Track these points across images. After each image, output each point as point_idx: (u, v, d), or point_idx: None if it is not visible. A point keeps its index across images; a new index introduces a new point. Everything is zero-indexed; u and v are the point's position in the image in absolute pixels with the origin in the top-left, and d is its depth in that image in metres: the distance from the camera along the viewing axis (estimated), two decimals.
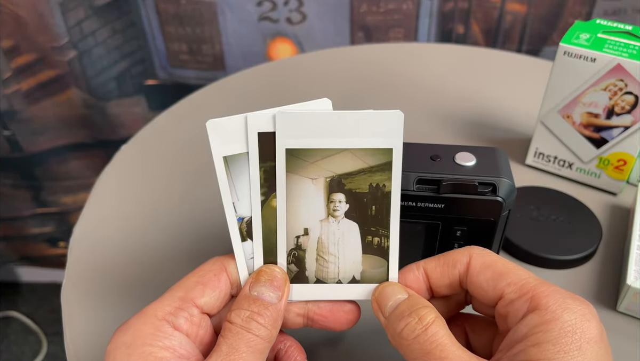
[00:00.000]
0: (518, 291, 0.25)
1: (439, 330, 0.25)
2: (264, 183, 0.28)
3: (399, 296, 0.27)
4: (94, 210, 0.49)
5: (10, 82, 0.87)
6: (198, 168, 0.52)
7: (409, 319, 0.25)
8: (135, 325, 0.26)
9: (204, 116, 0.62)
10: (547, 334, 0.23)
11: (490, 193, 0.32)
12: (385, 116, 0.27)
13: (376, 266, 0.29)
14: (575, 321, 0.23)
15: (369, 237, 0.28)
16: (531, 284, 0.25)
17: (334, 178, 0.28)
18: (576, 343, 0.23)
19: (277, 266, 0.29)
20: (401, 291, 0.27)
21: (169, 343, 0.25)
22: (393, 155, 0.27)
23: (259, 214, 0.28)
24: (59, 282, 0.43)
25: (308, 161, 0.27)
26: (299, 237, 0.28)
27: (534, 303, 0.24)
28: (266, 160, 0.28)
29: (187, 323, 0.26)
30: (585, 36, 0.45)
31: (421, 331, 0.25)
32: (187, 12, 0.84)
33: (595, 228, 0.44)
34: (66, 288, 0.42)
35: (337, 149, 0.27)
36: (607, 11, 0.80)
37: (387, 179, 0.27)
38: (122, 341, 0.25)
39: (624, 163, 0.47)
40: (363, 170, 0.27)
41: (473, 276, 0.27)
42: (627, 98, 0.44)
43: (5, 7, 0.79)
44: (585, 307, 0.24)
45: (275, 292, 0.27)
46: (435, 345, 0.24)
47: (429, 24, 0.84)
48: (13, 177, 1.01)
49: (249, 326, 0.26)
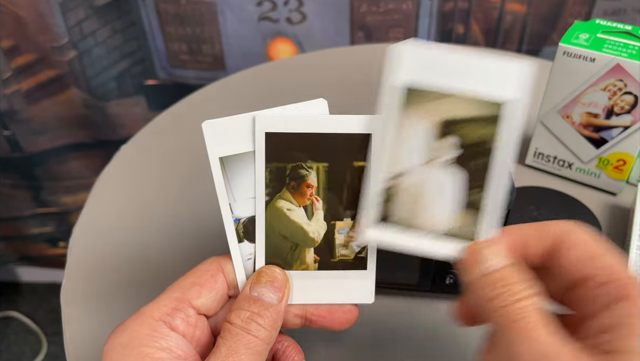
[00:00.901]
0: (610, 275, 0.23)
1: (532, 304, 0.23)
2: (269, 183, 0.28)
3: (500, 260, 0.25)
4: (94, 210, 0.49)
5: (10, 82, 0.87)
6: (198, 168, 0.52)
7: (504, 289, 0.23)
8: (132, 326, 0.26)
9: (204, 116, 0.62)
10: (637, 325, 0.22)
11: None
12: (510, 67, 0.25)
13: (471, 224, 0.26)
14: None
15: (473, 191, 0.26)
16: (623, 271, 0.23)
17: (447, 122, 0.25)
18: None
19: (278, 267, 0.29)
20: (505, 256, 0.25)
21: (166, 344, 0.25)
22: (507, 111, 0.25)
23: (263, 215, 0.28)
24: (59, 282, 0.43)
25: (422, 101, 0.26)
26: (395, 177, 0.27)
27: (624, 291, 0.23)
28: (272, 160, 0.28)
29: (183, 323, 0.26)
30: (585, 36, 0.45)
31: (514, 302, 0.23)
32: (187, 12, 0.84)
33: (594, 227, 0.44)
34: (66, 288, 0.42)
35: (452, 94, 0.25)
36: (606, 11, 0.80)
37: (497, 135, 0.25)
38: (119, 342, 0.25)
39: (623, 163, 0.47)
40: (475, 119, 0.25)
41: (565, 250, 0.25)
42: (626, 98, 0.44)
43: (5, 7, 0.79)
44: None
45: (275, 293, 0.27)
46: (525, 318, 0.22)
47: (429, 24, 0.84)
48: (13, 177, 1.01)
49: (248, 328, 0.26)
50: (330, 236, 0.29)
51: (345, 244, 0.29)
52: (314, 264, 0.29)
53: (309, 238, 0.29)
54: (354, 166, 0.28)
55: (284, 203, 0.28)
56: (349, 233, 0.29)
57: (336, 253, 0.29)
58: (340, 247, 0.29)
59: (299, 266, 0.29)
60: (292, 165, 0.28)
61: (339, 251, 0.29)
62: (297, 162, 0.28)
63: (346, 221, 0.28)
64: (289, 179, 0.28)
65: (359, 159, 0.28)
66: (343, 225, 0.29)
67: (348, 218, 0.28)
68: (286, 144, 0.27)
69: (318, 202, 0.28)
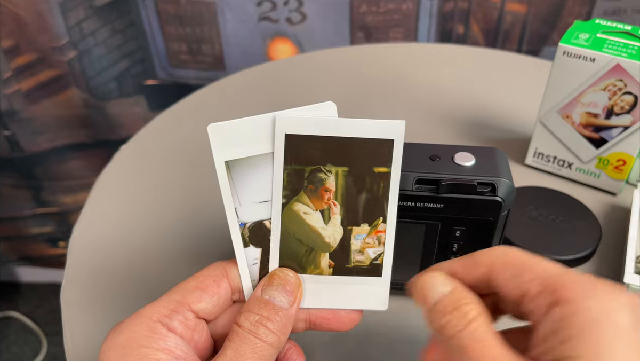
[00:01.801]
0: (541, 284, 0.23)
1: (481, 324, 0.23)
2: (286, 186, 0.27)
3: (443, 288, 0.25)
4: (94, 210, 0.49)
5: (10, 82, 0.87)
6: (198, 168, 0.52)
7: (451, 316, 0.24)
8: (130, 326, 0.25)
9: (203, 116, 0.62)
10: (570, 329, 0.21)
11: (490, 192, 0.32)
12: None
13: None
14: (600, 312, 0.21)
15: None
16: (554, 276, 0.23)
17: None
18: (603, 336, 0.20)
19: (291, 270, 0.28)
20: (446, 283, 0.26)
21: (165, 345, 0.25)
22: None
23: (279, 217, 0.28)
24: (59, 282, 0.43)
25: None
26: None
27: (556, 295, 0.22)
28: (290, 162, 0.27)
29: (181, 326, 0.26)
30: (585, 36, 0.45)
31: (464, 326, 0.23)
32: (187, 12, 0.84)
33: (594, 228, 0.44)
34: (66, 288, 0.42)
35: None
36: (606, 11, 0.80)
37: None
38: (117, 342, 0.25)
39: (623, 163, 0.47)
40: None
41: (496, 275, 0.25)
42: (626, 98, 0.44)
43: (5, 7, 0.79)
44: (615, 294, 0.21)
45: (287, 297, 0.27)
46: (476, 340, 0.23)
47: (429, 24, 0.85)
48: (13, 177, 1.01)
49: (257, 331, 0.25)
50: (346, 241, 0.28)
51: (361, 250, 0.28)
52: (328, 269, 0.29)
53: (324, 243, 0.28)
54: (374, 171, 0.27)
55: (301, 206, 0.28)
56: (365, 239, 0.28)
57: (352, 258, 0.28)
58: (356, 253, 0.28)
59: (313, 270, 0.29)
60: (311, 168, 0.27)
61: (355, 257, 0.28)
62: (316, 166, 0.27)
63: (363, 227, 0.28)
64: (307, 182, 0.27)
65: (379, 165, 0.27)
66: (360, 231, 0.28)
67: (365, 224, 0.28)
68: (306, 147, 0.27)
69: (335, 206, 0.28)
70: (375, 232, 0.28)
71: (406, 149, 0.27)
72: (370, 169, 0.27)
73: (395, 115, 0.58)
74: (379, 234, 0.28)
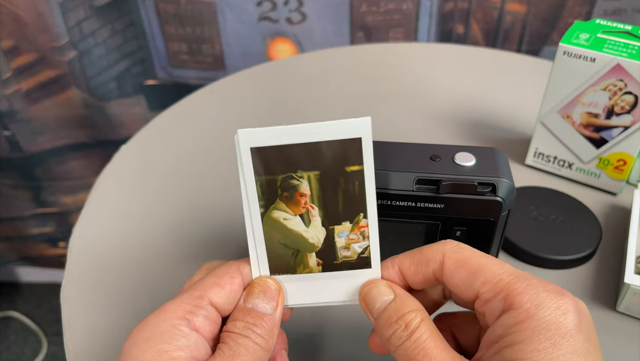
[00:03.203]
0: (492, 289, 0.24)
1: (422, 333, 0.25)
2: (261, 196, 0.28)
3: (385, 298, 0.27)
4: (94, 210, 0.49)
5: (10, 82, 0.87)
6: (198, 168, 0.52)
7: (396, 326, 0.25)
8: (154, 322, 0.26)
9: (203, 116, 0.62)
10: (520, 334, 0.23)
11: (490, 193, 0.32)
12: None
13: None
14: (549, 317, 0.23)
15: None
16: (505, 282, 0.24)
17: None
18: (550, 340, 0.22)
19: (270, 277, 0.29)
20: (387, 292, 0.27)
21: (185, 343, 0.26)
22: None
23: (260, 227, 0.28)
24: (59, 282, 0.43)
25: None
26: None
27: (508, 301, 0.24)
28: (261, 174, 0.28)
29: (205, 321, 0.27)
30: (585, 36, 0.45)
31: (407, 338, 0.25)
32: (187, 12, 0.84)
33: (594, 228, 0.44)
34: (66, 288, 0.42)
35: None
36: (607, 11, 0.80)
37: None
38: (140, 337, 0.25)
39: (623, 163, 0.47)
40: None
41: (447, 276, 0.26)
42: (626, 98, 0.44)
43: (5, 7, 0.79)
44: (561, 299, 0.23)
45: (269, 303, 0.28)
46: (418, 350, 0.24)
47: (428, 24, 0.85)
48: (13, 177, 1.01)
49: (247, 335, 0.26)
50: (330, 240, 0.29)
51: (346, 247, 0.29)
52: (317, 267, 0.29)
53: (308, 244, 0.29)
54: (347, 171, 0.27)
55: (280, 213, 0.28)
56: (349, 236, 0.29)
57: (338, 255, 0.29)
58: (342, 249, 0.29)
59: (303, 270, 0.29)
60: (282, 176, 0.28)
61: (341, 253, 0.29)
62: (287, 174, 0.28)
63: (345, 224, 0.28)
64: (281, 190, 0.28)
65: (351, 164, 0.27)
66: (342, 229, 0.29)
67: (347, 222, 0.28)
68: (273, 158, 0.27)
69: (313, 209, 0.28)
70: (357, 228, 0.28)
71: (407, 149, 0.28)
72: (342, 169, 0.27)
73: (396, 115, 0.58)
74: (362, 230, 0.28)
